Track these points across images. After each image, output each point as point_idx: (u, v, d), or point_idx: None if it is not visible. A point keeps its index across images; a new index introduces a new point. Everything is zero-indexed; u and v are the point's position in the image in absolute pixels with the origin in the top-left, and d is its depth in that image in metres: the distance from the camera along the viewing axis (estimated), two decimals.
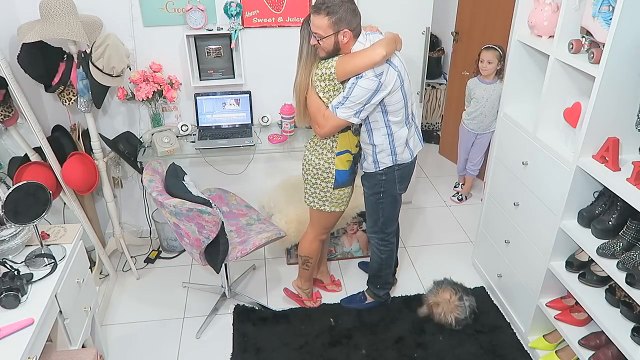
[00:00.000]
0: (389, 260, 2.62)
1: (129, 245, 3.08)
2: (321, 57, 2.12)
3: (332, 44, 2.05)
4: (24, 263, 1.94)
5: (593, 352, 2.08)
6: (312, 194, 2.40)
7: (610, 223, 1.96)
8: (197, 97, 2.90)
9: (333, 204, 2.39)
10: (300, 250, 2.63)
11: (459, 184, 3.97)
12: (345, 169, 2.32)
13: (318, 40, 2.05)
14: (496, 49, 3.29)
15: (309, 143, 2.37)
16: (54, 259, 1.95)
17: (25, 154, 2.50)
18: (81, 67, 2.43)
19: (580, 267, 2.15)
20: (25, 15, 2.45)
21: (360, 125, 2.25)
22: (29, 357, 1.61)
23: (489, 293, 2.88)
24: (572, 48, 1.97)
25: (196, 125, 2.96)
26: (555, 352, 2.37)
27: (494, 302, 2.81)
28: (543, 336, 2.45)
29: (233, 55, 2.85)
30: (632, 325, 1.88)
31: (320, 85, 2.13)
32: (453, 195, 3.87)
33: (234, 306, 2.78)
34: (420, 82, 3.26)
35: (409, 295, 2.86)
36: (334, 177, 2.30)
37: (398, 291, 2.90)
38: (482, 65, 3.35)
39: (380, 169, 2.31)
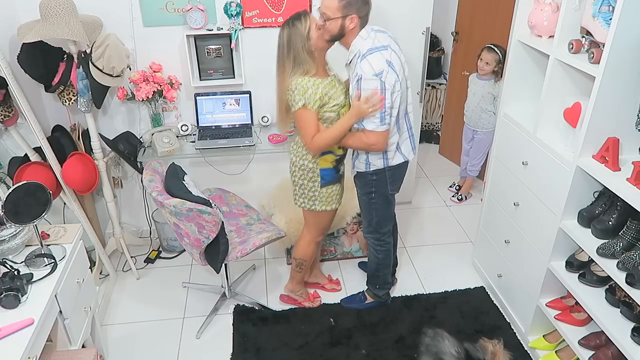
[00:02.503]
0: (386, 260, 2.62)
1: (129, 245, 3.08)
2: (325, 39, 2.10)
3: (337, 28, 2.04)
4: (24, 263, 1.94)
5: (593, 352, 2.08)
6: (302, 195, 2.39)
7: (610, 223, 1.96)
8: (197, 97, 2.90)
9: (323, 202, 2.38)
10: (295, 253, 2.62)
11: (454, 183, 3.98)
12: (330, 167, 2.30)
13: (325, 21, 2.04)
14: (497, 53, 3.31)
15: (293, 146, 2.36)
16: (54, 259, 1.95)
17: (25, 154, 2.50)
18: (81, 67, 2.43)
19: (580, 267, 2.15)
20: (25, 15, 2.45)
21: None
22: (29, 357, 1.61)
23: (489, 293, 2.88)
24: (572, 48, 1.97)
25: (196, 125, 2.96)
26: (555, 352, 2.37)
27: (494, 302, 2.81)
28: (543, 336, 2.45)
29: (233, 55, 2.85)
30: (632, 325, 1.88)
31: (301, 94, 2.10)
32: (453, 196, 3.87)
33: (234, 306, 2.78)
34: (420, 82, 3.26)
35: (408, 295, 2.86)
36: (319, 176, 2.30)
37: (398, 291, 2.90)
38: (480, 64, 3.40)
39: (371, 170, 2.31)
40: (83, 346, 2.17)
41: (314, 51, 2.09)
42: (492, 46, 3.34)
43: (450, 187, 3.99)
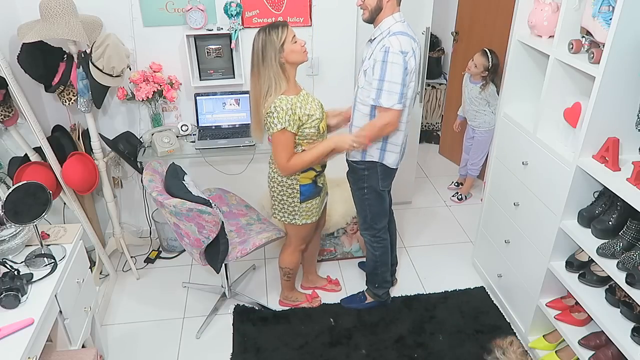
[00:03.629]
0: (383, 258, 2.62)
1: (129, 245, 3.08)
2: (364, 19, 2.16)
3: (375, 1, 2.09)
4: (24, 263, 1.94)
5: (593, 352, 2.08)
6: (281, 209, 2.37)
7: (610, 223, 1.96)
8: (197, 97, 2.89)
9: (303, 216, 2.37)
10: (281, 262, 2.62)
11: (455, 182, 3.98)
12: (310, 182, 2.29)
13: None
14: (487, 59, 3.36)
15: (271, 157, 2.32)
16: (54, 259, 1.95)
17: (25, 154, 2.50)
18: (81, 67, 2.43)
19: (580, 267, 2.15)
20: (25, 15, 2.45)
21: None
22: (29, 357, 1.61)
23: (489, 293, 2.88)
24: (572, 48, 1.97)
25: (196, 125, 2.96)
26: (555, 352, 2.37)
27: (494, 302, 2.81)
28: (543, 336, 2.45)
29: (233, 55, 2.85)
30: (632, 325, 1.88)
31: (280, 117, 2.06)
32: (453, 195, 3.88)
33: (234, 306, 2.78)
34: (420, 82, 3.26)
35: (408, 295, 2.86)
36: (298, 192, 2.28)
37: (398, 291, 2.90)
38: (470, 63, 3.45)
39: (366, 160, 2.31)
40: (83, 346, 2.17)
41: (285, 64, 2.07)
42: (486, 50, 3.38)
43: (450, 185, 3.99)
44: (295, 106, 2.09)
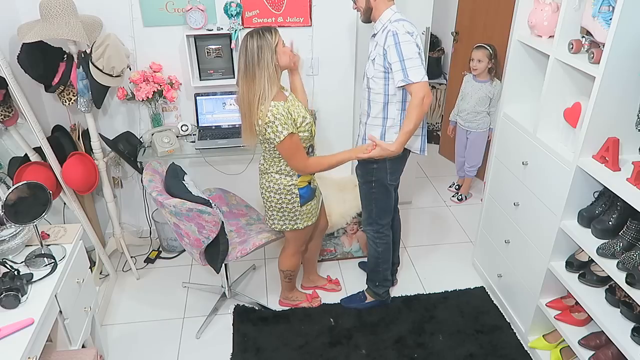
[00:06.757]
0: (385, 254, 2.62)
1: (129, 245, 3.08)
2: (362, 20, 2.24)
3: (364, 1, 2.16)
4: (24, 263, 1.94)
5: (593, 352, 2.08)
6: (282, 217, 2.36)
7: (610, 223, 1.96)
8: (197, 97, 2.90)
9: (304, 219, 2.37)
10: (281, 265, 2.62)
11: (454, 183, 3.98)
12: (306, 185, 2.31)
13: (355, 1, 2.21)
14: (486, 48, 3.35)
15: (262, 166, 2.31)
16: (54, 259, 1.95)
17: (25, 154, 2.50)
18: (81, 67, 2.43)
19: (580, 267, 2.16)
20: (25, 15, 2.45)
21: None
22: (29, 357, 1.61)
23: (489, 293, 2.88)
24: (572, 48, 1.97)
25: (196, 125, 2.96)
26: (559, 350, 2.37)
27: (494, 302, 2.81)
28: (543, 336, 2.45)
29: (233, 55, 2.85)
30: (632, 325, 1.88)
31: (283, 124, 2.06)
32: (453, 196, 3.88)
33: (234, 306, 2.78)
34: None
35: (409, 295, 2.86)
36: (298, 195, 2.29)
37: (398, 291, 2.90)
38: (472, 64, 3.42)
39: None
40: (83, 346, 2.17)
41: (278, 67, 2.08)
42: (480, 44, 3.38)
43: (450, 187, 4.00)
44: (288, 111, 2.10)
